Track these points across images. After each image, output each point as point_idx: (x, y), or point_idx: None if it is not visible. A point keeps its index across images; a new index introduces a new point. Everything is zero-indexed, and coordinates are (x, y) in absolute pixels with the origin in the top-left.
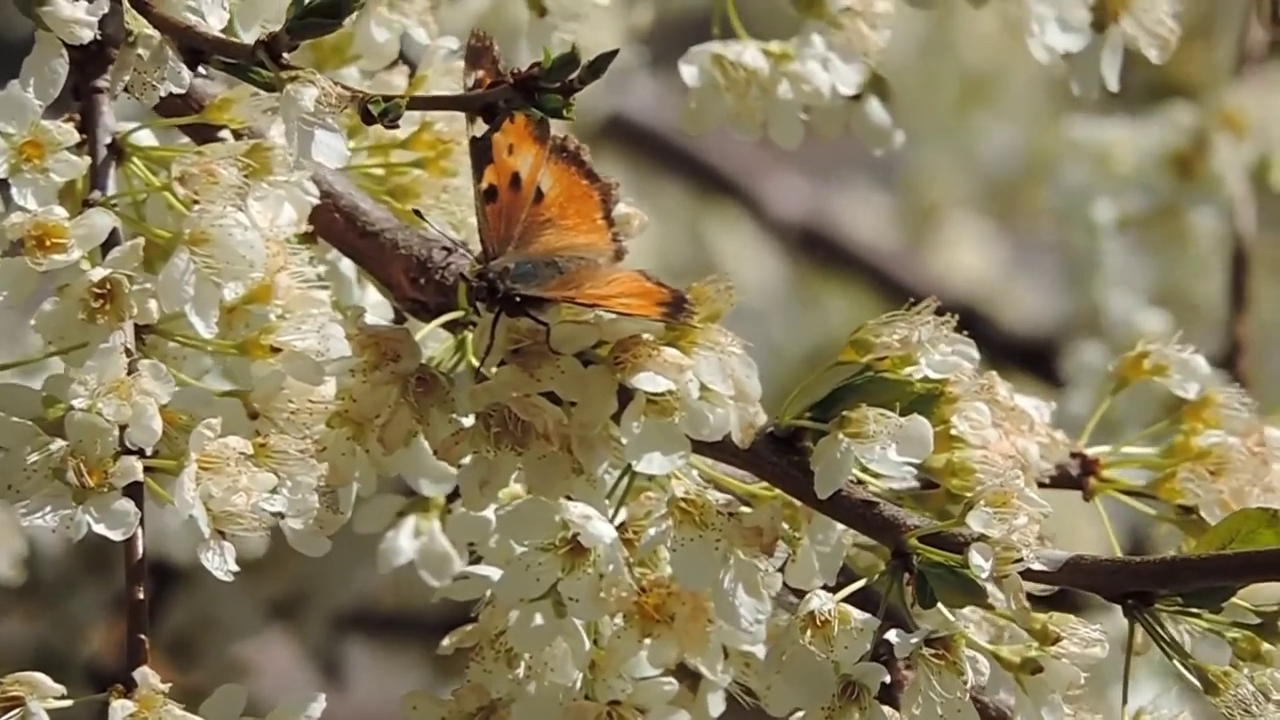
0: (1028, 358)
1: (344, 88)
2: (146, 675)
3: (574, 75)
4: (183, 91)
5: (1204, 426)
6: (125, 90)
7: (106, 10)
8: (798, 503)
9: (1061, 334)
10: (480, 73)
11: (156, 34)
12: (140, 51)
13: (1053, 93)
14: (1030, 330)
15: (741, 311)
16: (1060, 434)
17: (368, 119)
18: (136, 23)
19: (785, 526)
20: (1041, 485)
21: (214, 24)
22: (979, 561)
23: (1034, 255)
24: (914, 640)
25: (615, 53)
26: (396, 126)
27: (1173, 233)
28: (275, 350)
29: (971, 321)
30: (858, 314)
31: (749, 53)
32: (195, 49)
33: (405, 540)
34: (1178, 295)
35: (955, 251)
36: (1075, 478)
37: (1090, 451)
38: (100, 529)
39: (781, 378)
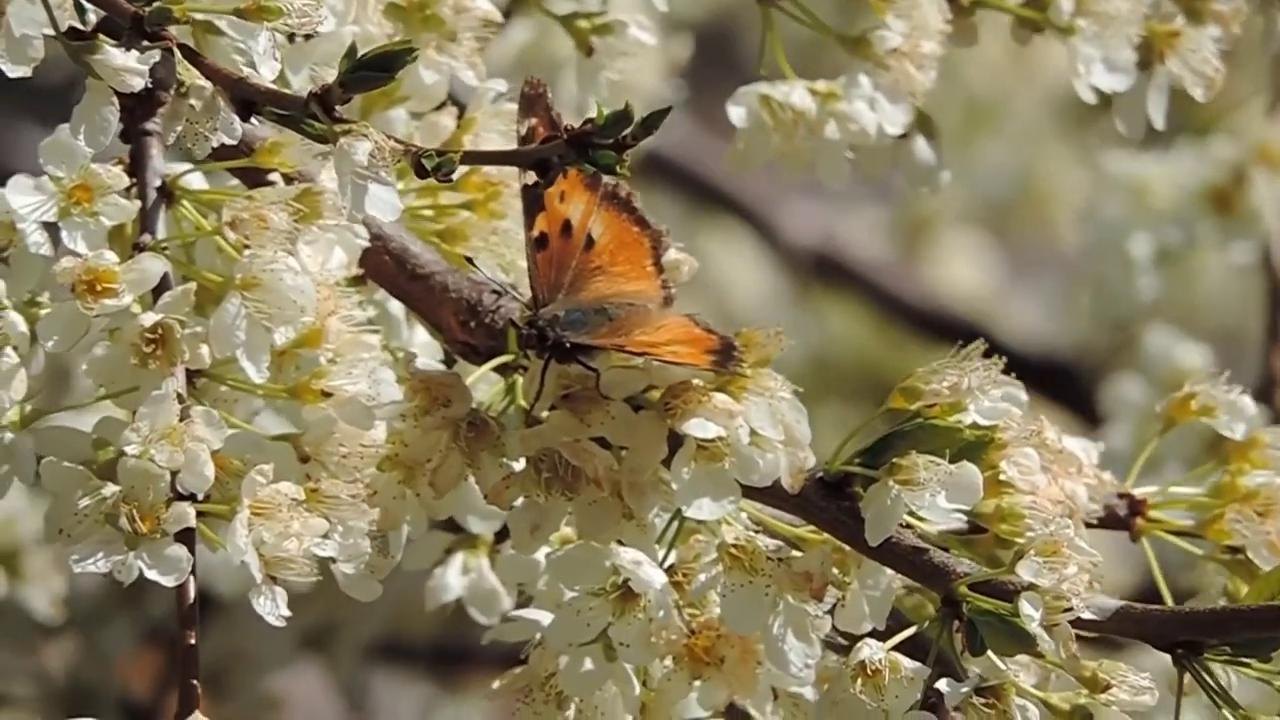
0: (1025, 371)
1: (397, 141)
2: None
3: (627, 131)
4: (235, 142)
5: (1251, 467)
6: (178, 141)
7: (157, 58)
8: (847, 547)
9: (1058, 348)
10: (533, 120)
11: (208, 84)
12: (192, 102)
13: (1055, 119)
14: (1027, 343)
15: (740, 322)
16: (1108, 475)
17: (421, 173)
18: (188, 73)
19: (835, 571)
20: (1088, 525)
21: (266, 74)
22: (1029, 610)
23: (1028, 271)
24: (964, 689)
25: (669, 110)
26: (450, 180)
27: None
28: (326, 395)
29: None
30: (856, 325)
31: (796, 93)
32: (248, 100)
33: (453, 577)
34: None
35: (950, 265)
36: (1122, 518)
37: (1138, 492)
38: (153, 575)
39: None
